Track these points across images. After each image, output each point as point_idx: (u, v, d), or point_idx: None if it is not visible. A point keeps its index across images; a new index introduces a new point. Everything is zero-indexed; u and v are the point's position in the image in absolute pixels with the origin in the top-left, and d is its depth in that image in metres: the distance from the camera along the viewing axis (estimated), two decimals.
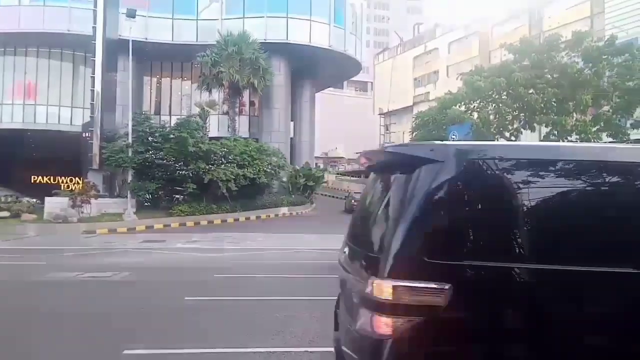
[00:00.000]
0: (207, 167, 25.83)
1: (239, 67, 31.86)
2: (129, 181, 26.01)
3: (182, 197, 26.64)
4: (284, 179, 34.64)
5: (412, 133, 31.55)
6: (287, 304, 7.93)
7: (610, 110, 21.45)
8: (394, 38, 74.40)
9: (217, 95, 36.00)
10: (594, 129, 21.24)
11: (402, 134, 57.27)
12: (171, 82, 40.73)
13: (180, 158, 26.08)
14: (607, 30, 32.04)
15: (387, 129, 64.82)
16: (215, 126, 36.15)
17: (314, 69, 41.35)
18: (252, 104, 39.85)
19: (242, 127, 36.51)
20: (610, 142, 23.70)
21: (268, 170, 29.16)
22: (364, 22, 48.00)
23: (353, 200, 32.52)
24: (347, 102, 78.02)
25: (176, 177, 26.26)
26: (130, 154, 25.72)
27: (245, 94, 36.73)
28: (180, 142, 25.41)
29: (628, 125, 22.23)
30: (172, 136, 26.28)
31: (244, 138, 31.10)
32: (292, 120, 40.05)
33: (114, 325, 6.70)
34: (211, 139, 29.68)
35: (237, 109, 35.10)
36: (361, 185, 64.41)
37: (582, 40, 21.08)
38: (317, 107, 46.28)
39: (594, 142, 22.61)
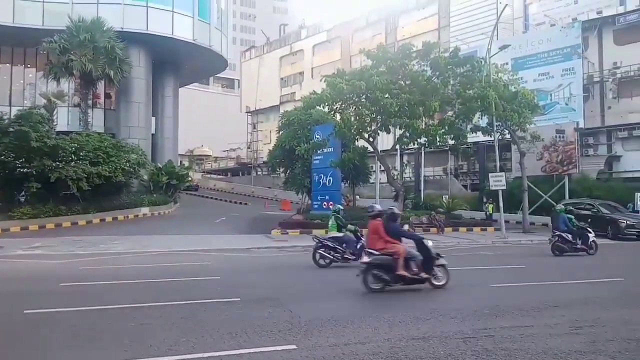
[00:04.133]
0: (53, 165, 23.46)
1: (92, 56, 29.53)
2: None
3: (24, 197, 23.90)
4: (145, 178, 32.85)
5: (279, 132, 31.88)
6: (142, 311, 7.50)
7: (454, 116, 23.78)
8: (260, 37, 74.52)
9: (67, 85, 33.00)
10: (440, 132, 23.31)
11: (269, 132, 57.71)
12: (12, 69, 36.46)
13: (21, 154, 23.39)
14: (452, 42, 35.61)
15: (255, 127, 64.91)
16: (64, 119, 33.14)
17: (178, 62, 39.86)
18: (108, 96, 37.15)
19: (97, 121, 33.87)
20: (452, 144, 26.32)
21: (126, 168, 27.31)
22: (230, 18, 47.43)
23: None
24: (213, 98, 76.38)
25: (16, 175, 23.47)
26: None
27: (100, 86, 34.15)
28: (20, 137, 22.75)
29: (468, 129, 24.87)
30: (11, 129, 23.43)
31: (99, 133, 28.78)
32: (153, 116, 38.14)
33: None
34: (60, 133, 27.23)
35: (90, 101, 32.45)
36: (227, 182, 63.60)
37: (430, 50, 23.06)
38: (181, 102, 44.63)
39: (440, 144, 24.89)
